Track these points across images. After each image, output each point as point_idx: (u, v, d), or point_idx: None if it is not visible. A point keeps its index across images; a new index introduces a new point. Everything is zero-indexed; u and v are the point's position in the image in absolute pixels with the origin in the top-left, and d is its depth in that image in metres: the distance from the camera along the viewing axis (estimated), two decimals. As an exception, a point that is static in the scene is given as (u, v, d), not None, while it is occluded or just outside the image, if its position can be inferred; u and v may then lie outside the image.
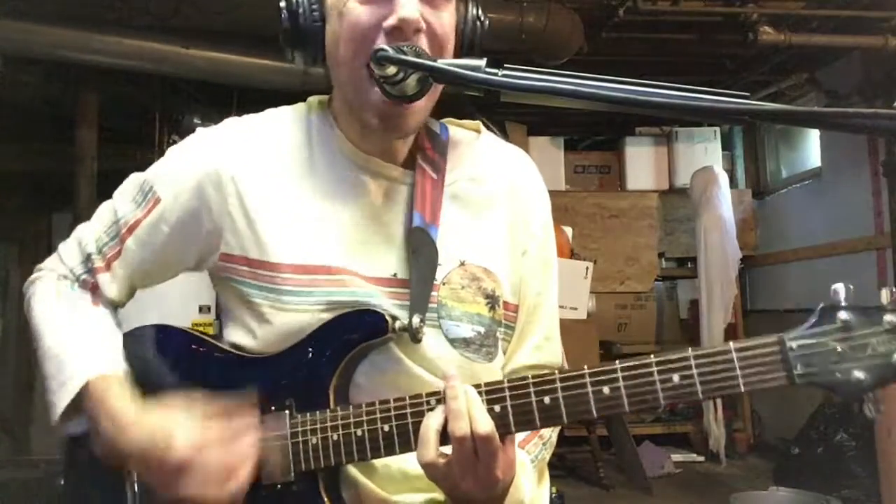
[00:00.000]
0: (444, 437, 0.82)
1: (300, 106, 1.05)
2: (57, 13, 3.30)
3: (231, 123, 1.04)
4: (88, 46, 3.38)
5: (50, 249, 1.10)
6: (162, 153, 1.07)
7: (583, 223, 5.00)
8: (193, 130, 1.05)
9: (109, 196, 1.07)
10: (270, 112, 1.05)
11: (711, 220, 4.75)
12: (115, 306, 1.07)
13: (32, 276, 1.09)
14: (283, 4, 0.93)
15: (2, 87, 3.61)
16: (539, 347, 1.04)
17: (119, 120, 4.31)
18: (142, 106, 4.24)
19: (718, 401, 4.63)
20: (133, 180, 1.05)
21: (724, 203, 4.78)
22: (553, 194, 1.08)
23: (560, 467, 4.56)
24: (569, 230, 4.41)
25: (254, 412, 0.91)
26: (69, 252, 1.06)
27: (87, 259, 1.04)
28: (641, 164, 5.33)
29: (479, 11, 0.97)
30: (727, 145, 5.56)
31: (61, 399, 0.94)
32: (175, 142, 3.72)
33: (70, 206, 4.01)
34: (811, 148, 4.95)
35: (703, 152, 5.25)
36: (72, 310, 1.02)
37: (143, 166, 1.05)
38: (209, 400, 0.90)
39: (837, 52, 4.16)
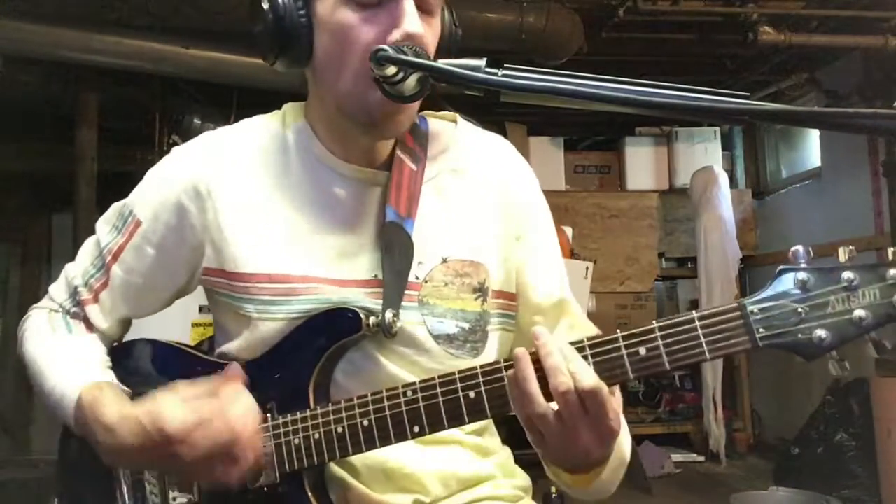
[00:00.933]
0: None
1: (276, 114, 1.05)
2: (57, 13, 3.30)
3: (205, 137, 1.03)
4: (88, 46, 3.37)
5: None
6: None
7: (583, 223, 4.99)
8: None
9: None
10: (245, 122, 1.04)
11: (711, 220, 4.75)
12: (107, 338, 1.06)
13: (25, 317, 1.08)
14: (265, 6, 0.90)
15: (2, 87, 3.60)
16: (572, 326, 1.02)
17: (119, 120, 4.30)
18: (142, 106, 4.23)
19: (718, 401, 4.64)
20: (113, 208, 1.05)
21: (724, 203, 4.78)
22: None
23: (560, 467, 4.55)
24: (569, 230, 4.40)
25: (239, 380, 0.90)
26: (58, 290, 1.07)
27: (75, 292, 1.04)
28: (641, 164, 5.32)
29: (455, 17, 0.97)
30: (727, 145, 5.56)
31: (65, 418, 0.95)
32: (175, 142, 3.72)
33: (70, 207, 4.00)
34: (811, 148, 4.95)
35: (703, 152, 5.25)
36: (63, 335, 1.02)
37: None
38: (192, 384, 0.89)
39: (837, 52, 4.16)
